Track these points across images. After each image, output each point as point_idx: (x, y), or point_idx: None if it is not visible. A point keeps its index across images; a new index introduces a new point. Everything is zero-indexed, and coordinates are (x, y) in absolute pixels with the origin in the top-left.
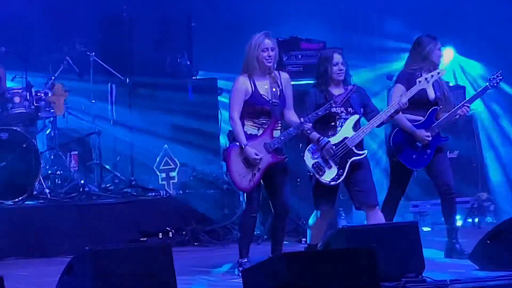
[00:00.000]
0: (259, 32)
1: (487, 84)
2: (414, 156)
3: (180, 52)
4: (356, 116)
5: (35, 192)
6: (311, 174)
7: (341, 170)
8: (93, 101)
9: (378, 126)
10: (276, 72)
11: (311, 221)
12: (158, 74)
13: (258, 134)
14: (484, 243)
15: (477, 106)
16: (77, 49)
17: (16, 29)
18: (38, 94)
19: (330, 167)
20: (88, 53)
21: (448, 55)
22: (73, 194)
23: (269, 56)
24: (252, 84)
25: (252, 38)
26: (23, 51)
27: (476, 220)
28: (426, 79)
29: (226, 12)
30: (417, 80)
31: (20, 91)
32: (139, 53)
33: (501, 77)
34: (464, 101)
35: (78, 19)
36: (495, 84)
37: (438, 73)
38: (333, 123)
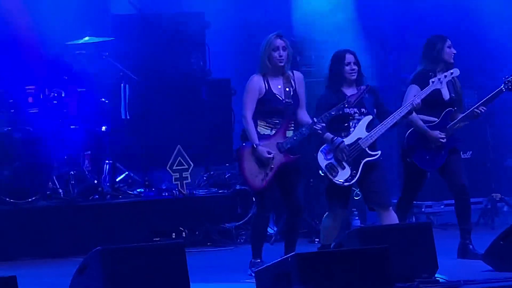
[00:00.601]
0: (273, 32)
1: (502, 86)
2: (428, 157)
3: (193, 52)
4: (370, 117)
5: (48, 192)
6: (324, 174)
7: (354, 171)
8: (106, 100)
9: (391, 127)
10: (290, 72)
11: (324, 221)
12: (172, 74)
13: (271, 134)
14: (497, 243)
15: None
16: (90, 48)
17: (31, 28)
18: (52, 94)
19: (343, 167)
20: (101, 52)
21: None
22: (86, 194)
23: (280, 56)
24: (266, 83)
25: (266, 38)
26: (36, 49)
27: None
28: (439, 79)
29: (240, 12)
30: (430, 81)
31: (33, 91)
32: (152, 53)
33: None
34: (478, 103)
35: (91, 18)
36: (511, 87)
37: (452, 73)
38: (346, 124)
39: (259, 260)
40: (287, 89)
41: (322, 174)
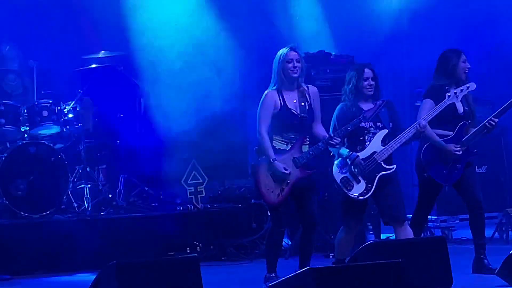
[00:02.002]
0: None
1: None
2: (445, 171)
3: (206, 64)
4: (385, 131)
5: (63, 206)
6: (339, 188)
7: (369, 185)
8: (121, 115)
9: (408, 141)
10: (304, 86)
11: (339, 235)
12: (186, 87)
13: (287, 149)
14: None
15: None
16: (104, 63)
17: (44, 42)
18: (67, 108)
19: (358, 181)
20: (116, 66)
21: None
22: (101, 208)
23: (294, 67)
24: (281, 98)
25: (279, 52)
26: (51, 64)
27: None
28: (455, 93)
29: (253, 27)
30: (447, 95)
31: (48, 104)
32: (166, 66)
33: None
34: (492, 115)
35: (105, 32)
36: None
37: (468, 87)
38: (362, 138)
39: (273, 275)
40: (302, 103)
41: (337, 188)
